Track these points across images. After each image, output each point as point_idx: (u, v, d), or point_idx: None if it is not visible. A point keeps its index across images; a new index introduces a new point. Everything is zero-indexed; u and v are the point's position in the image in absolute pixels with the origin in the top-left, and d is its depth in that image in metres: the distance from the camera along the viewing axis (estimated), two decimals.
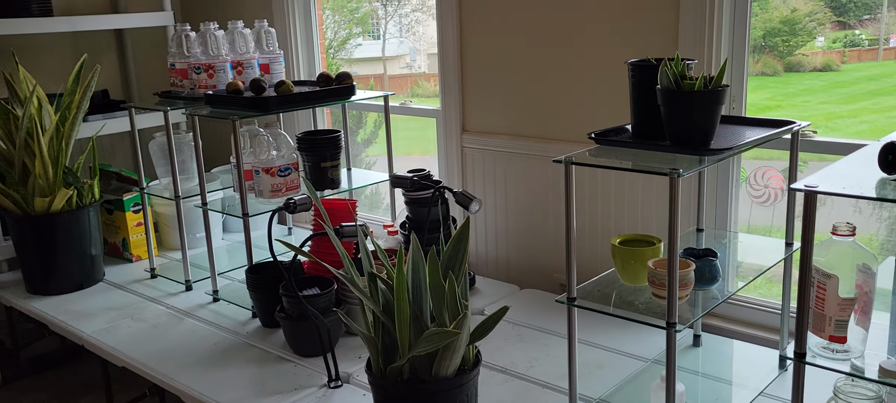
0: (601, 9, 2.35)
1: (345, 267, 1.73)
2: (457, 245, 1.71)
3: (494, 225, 2.78)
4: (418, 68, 4.24)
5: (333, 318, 2.18)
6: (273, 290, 2.30)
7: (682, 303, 1.63)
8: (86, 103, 2.74)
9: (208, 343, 2.32)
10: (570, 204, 1.63)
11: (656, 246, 1.74)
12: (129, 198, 2.97)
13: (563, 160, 1.59)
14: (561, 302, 1.70)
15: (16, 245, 2.77)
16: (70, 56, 3.34)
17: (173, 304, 2.63)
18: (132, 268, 2.99)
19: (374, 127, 4.43)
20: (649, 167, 1.59)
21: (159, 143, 2.82)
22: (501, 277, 2.79)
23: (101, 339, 2.38)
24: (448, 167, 2.84)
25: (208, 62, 2.58)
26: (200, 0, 3.64)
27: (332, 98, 2.57)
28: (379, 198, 3.78)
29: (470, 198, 2.19)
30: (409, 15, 4.01)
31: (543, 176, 2.59)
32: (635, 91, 1.68)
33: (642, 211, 2.39)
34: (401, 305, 1.62)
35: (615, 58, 2.34)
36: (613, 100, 2.37)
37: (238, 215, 2.42)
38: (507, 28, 2.58)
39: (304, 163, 2.57)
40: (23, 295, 2.78)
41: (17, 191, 2.64)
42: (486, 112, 2.72)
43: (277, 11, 3.26)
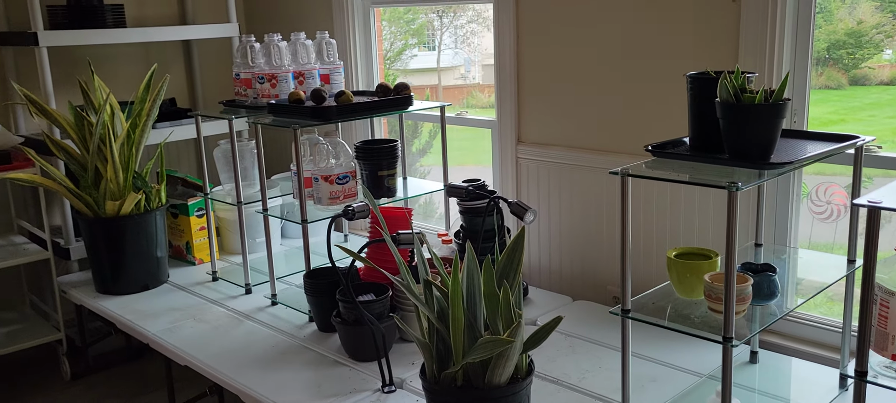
0: (660, 21, 2.35)
1: (401, 274, 1.77)
2: (511, 254, 1.73)
3: (548, 236, 2.79)
4: (472, 79, 4.27)
5: (388, 324, 2.22)
6: (330, 295, 2.35)
7: (739, 318, 1.62)
8: (155, 111, 2.85)
9: (266, 346, 2.39)
10: (626, 217, 1.63)
11: (713, 259, 1.73)
12: (193, 202, 3.08)
13: (620, 172, 1.59)
14: (615, 314, 1.70)
15: (87, 246, 2.89)
16: (140, 65, 3.48)
17: (233, 307, 2.70)
18: (195, 271, 3.09)
19: (429, 136, 4.48)
20: (707, 180, 1.58)
21: (223, 150, 2.91)
22: (554, 288, 2.79)
23: (166, 339, 2.47)
24: (503, 177, 2.86)
25: (271, 72, 2.66)
26: (264, 12, 3.75)
27: (390, 108, 2.62)
28: (433, 206, 3.82)
29: (525, 209, 2.21)
30: (464, 26, 4.05)
31: (598, 187, 2.59)
32: (694, 103, 1.67)
33: (699, 224, 2.36)
34: (455, 312, 1.64)
35: (673, 70, 2.33)
36: (670, 112, 2.36)
37: (297, 221, 2.48)
38: (564, 40, 2.60)
39: (362, 172, 2.62)
40: (92, 294, 2.90)
41: (89, 195, 2.76)
42: (542, 123, 2.73)
43: (338, 23, 3.33)
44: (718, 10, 2.20)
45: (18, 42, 3.00)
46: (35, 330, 3.05)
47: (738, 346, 1.54)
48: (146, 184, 2.85)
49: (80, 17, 3.04)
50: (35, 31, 2.83)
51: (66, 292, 2.99)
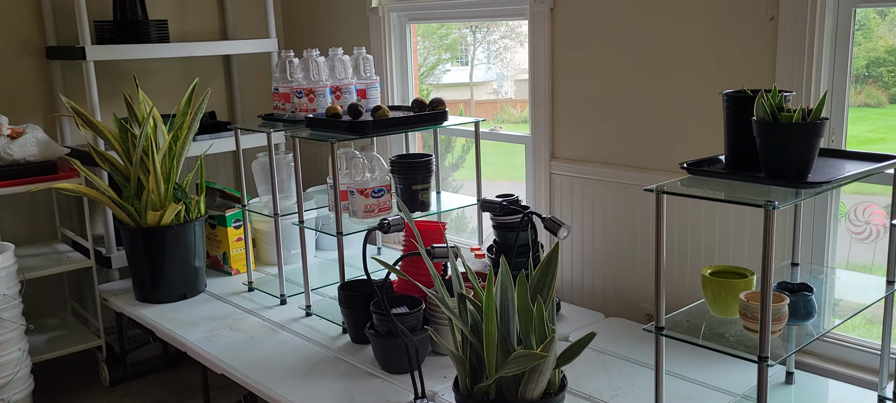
0: (696, 39, 2.35)
1: (436, 287, 1.79)
2: (545, 269, 1.74)
3: (581, 252, 2.79)
4: (505, 94, 4.29)
5: (421, 337, 2.24)
6: (364, 307, 2.38)
7: (775, 338, 1.61)
8: (196, 124, 2.92)
9: (301, 356, 2.42)
10: (661, 234, 1.63)
11: (748, 278, 1.72)
12: (231, 214, 3.14)
13: (655, 189, 1.60)
14: (649, 331, 1.70)
15: (128, 255, 2.96)
16: (181, 78, 3.57)
17: (269, 317, 2.75)
18: (231, 281, 3.15)
19: (462, 151, 4.51)
20: (744, 198, 1.58)
21: (261, 163, 2.97)
22: (586, 304, 2.79)
23: (203, 347, 2.52)
24: (536, 193, 2.88)
25: (309, 87, 2.71)
26: (302, 28, 3.82)
27: (425, 123, 2.65)
28: (464, 221, 3.84)
29: (558, 224, 2.22)
30: (497, 42, 4.08)
31: (631, 204, 2.59)
32: (730, 122, 1.67)
33: (734, 243, 2.35)
34: (489, 326, 1.66)
35: (708, 88, 2.33)
36: (705, 130, 2.36)
37: (332, 233, 2.52)
38: (600, 57, 2.61)
39: (397, 185, 2.65)
40: (132, 302, 2.97)
41: (131, 205, 2.83)
42: (576, 139, 2.74)
43: (375, 38, 3.38)
44: (755, 28, 2.20)
45: (67, 56, 3.10)
46: (76, 337, 3.13)
47: (773, 366, 1.53)
48: (186, 195, 2.92)
49: (125, 33, 3.13)
50: (83, 45, 2.92)
51: (107, 300, 3.07)
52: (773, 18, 2.14)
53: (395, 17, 3.36)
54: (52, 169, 2.95)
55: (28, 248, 3.15)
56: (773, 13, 2.14)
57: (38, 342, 3.03)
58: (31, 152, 2.91)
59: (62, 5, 3.21)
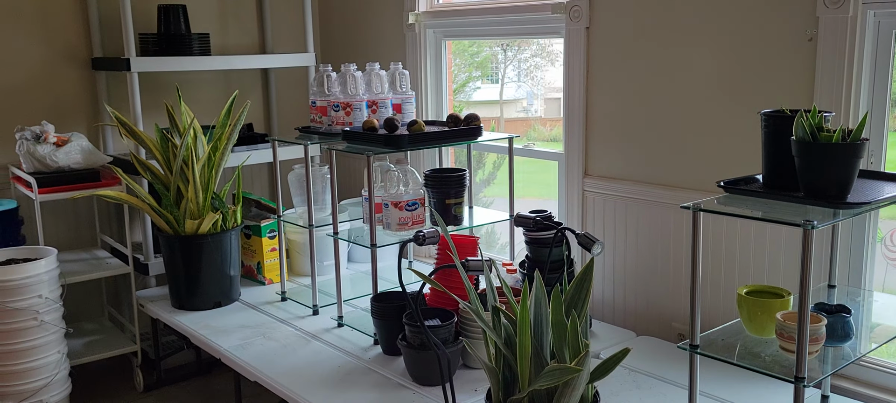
0: (733, 58, 2.35)
1: (470, 300, 1.81)
2: (580, 285, 1.75)
3: (612, 270, 2.79)
4: (534, 112, 4.31)
5: (453, 349, 2.25)
6: (396, 319, 2.40)
7: (812, 359, 1.60)
8: (235, 136, 2.98)
9: (333, 366, 2.45)
10: (697, 252, 1.63)
11: (785, 298, 1.72)
12: (266, 224, 3.19)
13: (692, 206, 1.60)
14: (683, 349, 1.70)
15: (165, 262, 3.02)
16: (220, 90, 3.64)
17: (301, 326, 2.78)
18: (265, 291, 3.19)
19: (494, 167, 4.53)
20: (782, 217, 1.57)
21: (297, 175, 3.01)
22: (617, 322, 2.79)
23: (237, 355, 2.56)
24: (569, 209, 2.88)
25: (346, 100, 2.76)
26: (339, 43, 3.88)
27: (460, 138, 2.67)
28: (495, 236, 3.85)
29: (592, 240, 2.22)
30: (528, 60, 4.10)
31: (665, 222, 2.58)
32: (768, 141, 1.67)
33: (769, 262, 2.33)
34: (523, 340, 1.67)
35: (744, 108, 2.33)
36: (740, 150, 2.35)
37: (366, 245, 2.55)
38: (634, 75, 2.62)
39: (430, 199, 2.68)
40: (168, 309, 3.02)
41: (170, 213, 2.89)
42: (609, 157, 2.75)
43: (410, 54, 3.43)
44: (794, 49, 2.20)
45: (112, 67, 3.19)
46: (112, 341, 3.19)
47: (809, 387, 1.52)
48: (223, 205, 2.97)
49: (169, 45, 3.21)
50: (128, 57, 3.00)
51: (143, 306, 3.13)
52: (812, 39, 2.14)
53: (432, 33, 3.41)
54: (94, 176, 3.03)
55: (69, 254, 3.23)
56: (812, 34, 2.13)
57: (76, 345, 3.09)
58: (76, 160, 2.99)
59: (108, 18, 3.30)
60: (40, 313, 2.65)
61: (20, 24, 3.17)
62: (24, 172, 2.96)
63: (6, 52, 3.16)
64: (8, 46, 3.16)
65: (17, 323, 2.62)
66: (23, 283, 2.60)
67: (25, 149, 2.94)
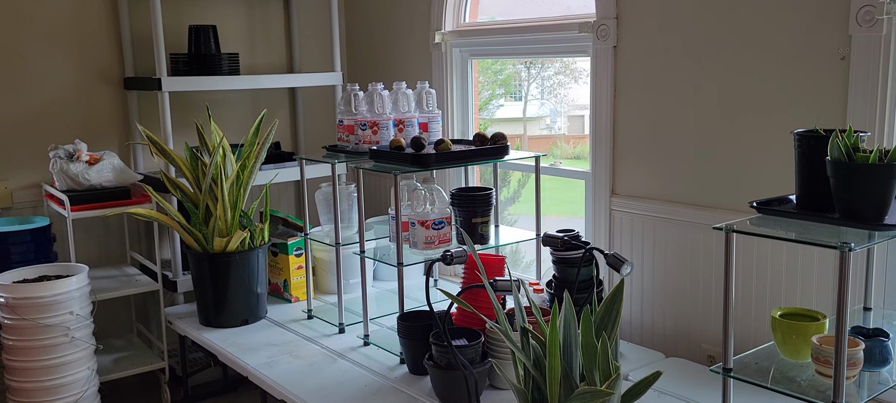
0: (763, 77, 2.33)
1: (498, 320, 1.80)
2: (610, 306, 1.73)
3: (640, 290, 2.76)
4: (558, 130, 4.30)
5: (480, 370, 2.24)
6: (422, 338, 2.39)
7: (849, 384, 1.57)
8: (263, 154, 3.00)
9: (359, 385, 2.44)
10: (730, 273, 1.61)
11: (820, 321, 1.69)
12: (292, 241, 3.20)
13: (725, 228, 1.58)
14: (716, 372, 1.67)
15: (194, 279, 3.04)
16: (248, 109, 3.68)
17: (328, 345, 2.78)
18: (291, 308, 3.20)
19: (518, 185, 4.52)
20: (817, 239, 1.55)
21: (324, 193, 3.03)
22: (645, 343, 2.75)
23: (264, 373, 2.56)
24: (595, 229, 2.86)
25: (373, 119, 2.77)
26: (366, 62, 3.91)
27: (486, 157, 2.67)
28: (519, 255, 3.83)
29: (622, 261, 2.21)
30: (551, 77, 4.10)
31: (694, 243, 2.55)
32: (802, 161, 1.65)
33: (801, 285, 2.30)
34: (552, 362, 1.65)
35: (774, 127, 2.30)
36: (770, 169, 2.32)
37: (393, 263, 2.55)
38: (663, 93, 2.60)
39: (456, 218, 2.68)
40: (196, 326, 3.04)
41: (199, 230, 2.92)
42: (637, 176, 2.73)
43: (436, 73, 3.44)
44: (826, 68, 2.17)
45: (143, 86, 3.24)
46: (141, 358, 3.21)
47: None
48: (251, 223, 2.99)
49: (199, 65, 3.25)
50: (159, 76, 3.04)
51: (171, 322, 3.15)
52: (845, 58, 2.11)
53: (458, 52, 3.42)
54: (125, 194, 3.07)
55: (99, 271, 3.27)
56: (845, 53, 2.11)
57: (104, 362, 3.12)
58: (107, 178, 3.03)
59: (140, 38, 3.36)
60: (71, 329, 2.68)
61: (55, 44, 3.23)
62: (56, 190, 3.01)
63: (41, 71, 3.22)
64: (43, 66, 3.22)
65: (48, 340, 2.65)
66: (55, 300, 2.64)
67: (58, 167, 2.99)
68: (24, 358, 2.65)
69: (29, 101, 3.21)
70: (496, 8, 3.50)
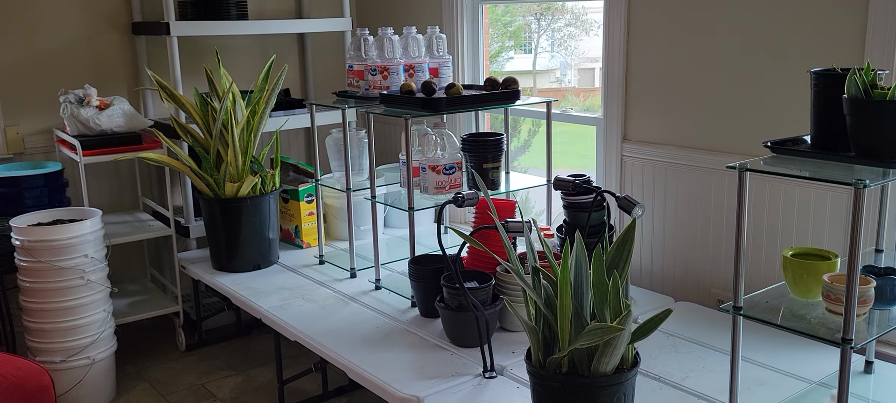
0: (777, 17, 2.29)
1: (510, 260, 1.81)
2: (621, 246, 1.74)
3: (650, 236, 2.77)
4: (567, 82, 4.27)
5: (491, 311, 2.26)
6: (433, 281, 2.41)
7: (859, 322, 1.57)
8: (273, 100, 3.00)
9: (371, 327, 2.47)
10: (742, 213, 1.61)
11: (832, 260, 1.69)
12: (303, 188, 3.21)
13: (738, 167, 1.58)
14: (726, 312, 1.68)
15: (206, 225, 3.06)
16: (257, 56, 3.66)
17: (339, 289, 2.81)
18: (303, 254, 3.23)
19: (528, 135, 4.50)
20: (832, 177, 1.54)
21: (335, 139, 3.03)
22: (655, 288, 2.77)
23: (278, 315, 2.60)
24: (607, 175, 2.86)
25: (383, 64, 2.75)
26: (375, 7, 3.86)
27: (498, 101, 2.66)
28: (530, 203, 3.84)
29: (633, 203, 2.21)
30: (561, 29, 4.05)
31: (705, 187, 2.55)
32: (818, 100, 1.64)
33: (812, 226, 2.30)
34: (563, 300, 1.67)
35: (790, 68, 2.28)
36: (786, 111, 2.30)
37: (404, 208, 2.56)
38: (676, 37, 2.57)
39: (467, 163, 2.68)
40: (209, 271, 3.08)
41: (210, 176, 2.93)
42: (649, 121, 2.71)
43: (447, 18, 3.41)
44: (843, 5, 2.14)
45: (152, 31, 3.22)
46: (155, 302, 3.26)
47: (857, 348, 1.50)
48: (262, 169, 3.00)
49: (206, 10, 3.22)
50: (167, 21, 3.02)
51: (185, 268, 3.18)
52: None
53: None
54: (136, 139, 3.08)
55: (112, 216, 3.30)
56: None
57: (120, 305, 3.16)
58: (118, 123, 3.04)
59: None
60: (86, 272, 2.72)
61: None
62: (68, 135, 3.02)
63: (50, 16, 3.20)
64: (51, 11, 3.20)
65: (64, 282, 2.68)
66: (69, 243, 2.66)
67: (69, 112, 2.99)
68: (41, 300, 2.69)
69: (38, 47, 3.20)
70: None
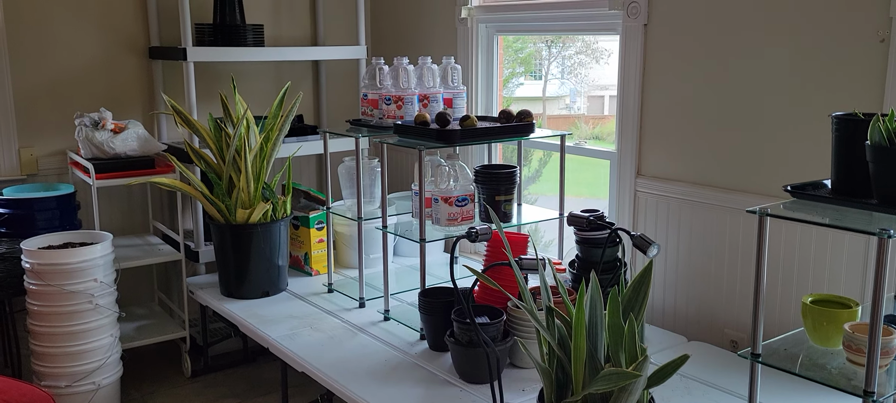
0: (798, 59, 2.27)
1: (523, 298, 1.78)
2: (638, 287, 1.71)
3: (663, 273, 2.73)
4: (577, 110, 4.26)
5: (502, 347, 2.23)
6: (444, 314, 2.39)
7: (881, 373, 1.54)
8: (287, 126, 3.00)
9: (379, 359, 2.44)
10: (762, 258, 1.58)
11: (853, 309, 1.66)
12: (314, 215, 3.20)
13: (758, 211, 1.55)
14: (744, 358, 1.65)
15: (216, 250, 3.05)
16: (271, 81, 3.67)
17: (348, 319, 2.78)
18: (312, 281, 3.21)
19: (539, 164, 4.49)
20: (855, 225, 1.51)
21: (347, 167, 3.02)
22: (667, 326, 2.73)
23: (285, 344, 2.57)
24: (620, 209, 2.83)
25: (398, 94, 2.75)
26: (390, 36, 3.87)
27: (512, 134, 2.65)
28: (539, 234, 3.81)
29: (648, 242, 2.18)
30: (572, 57, 4.05)
31: (720, 226, 2.52)
32: (839, 145, 1.61)
33: (829, 272, 2.26)
34: (578, 342, 1.64)
35: (810, 111, 2.25)
36: (804, 153, 2.28)
37: (415, 239, 2.54)
38: (694, 74, 2.56)
39: (480, 195, 2.66)
40: (217, 296, 3.06)
41: (222, 201, 2.92)
42: (664, 157, 2.69)
43: (462, 49, 3.41)
44: (864, 50, 2.12)
45: (168, 56, 3.23)
46: (162, 327, 3.24)
47: (879, 401, 1.47)
48: (273, 195, 2.99)
49: (224, 36, 3.24)
50: (184, 46, 3.03)
51: (193, 293, 3.17)
52: (885, 40, 2.06)
53: (483, 28, 3.38)
54: (149, 163, 3.08)
55: (122, 239, 3.29)
56: (885, 35, 2.05)
57: (127, 330, 3.15)
58: (132, 147, 3.04)
59: (166, 8, 3.35)
60: (95, 296, 2.70)
61: (82, 12, 3.23)
62: (82, 158, 3.02)
63: (69, 39, 3.22)
64: (71, 35, 3.22)
65: (72, 306, 2.67)
66: (79, 267, 2.65)
67: (84, 135, 3.00)
68: (49, 324, 2.68)
69: (55, 69, 3.21)
70: None
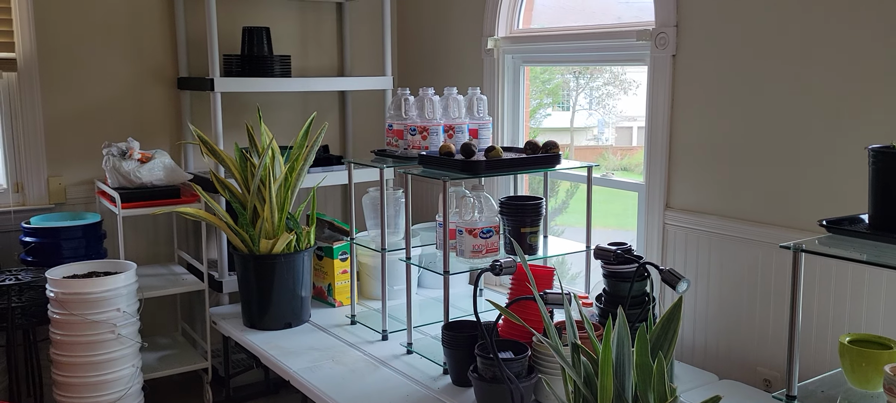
0: (832, 91, 2.22)
1: (548, 334, 1.73)
2: (667, 325, 1.66)
3: (693, 308, 2.66)
4: (605, 140, 4.23)
5: (526, 384, 2.18)
6: (467, 349, 2.34)
7: None
8: (312, 157, 2.99)
9: (401, 394, 2.40)
10: (797, 295, 1.53)
11: (893, 350, 1.59)
12: (338, 246, 3.18)
13: (793, 247, 1.50)
14: (779, 400, 1.58)
15: (239, 280, 3.04)
16: (297, 111, 3.69)
17: (370, 352, 2.75)
18: (335, 313, 3.18)
19: (566, 196, 4.44)
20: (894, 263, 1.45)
21: (372, 197, 3.00)
22: (697, 363, 2.65)
23: (306, 377, 2.54)
24: (648, 243, 2.78)
25: (423, 124, 2.74)
26: (416, 66, 3.88)
27: (538, 165, 2.61)
28: (565, 267, 3.75)
29: (678, 278, 2.12)
30: (600, 88, 4.03)
31: (751, 260, 2.45)
32: (877, 179, 1.56)
33: (866, 310, 2.18)
34: (605, 381, 1.59)
35: (846, 143, 2.19)
36: (836, 186, 2.21)
37: (439, 271, 2.50)
38: (724, 105, 2.51)
39: (505, 227, 2.62)
40: (239, 327, 3.04)
41: (246, 232, 2.92)
42: (693, 189, 2.63)
43: (488, 80, 3.40)
44: None
45: (196, 87, 3.26)
46: (184, 357, 3.23)
47: None
48: (298, 225, 2.98)
49: (251, 67, 3.26)
50: (212, 77, 3.06)
51: (216, 323, 3.16)
52: None
53: (510, 59, 3.37)
54: (175, 193, 3.09)
55: (147, 268, 3.30)
56: None
57: (149, 360, 3.14)
58: (158, 177, 3.06)
59: (195, 39, 3.39)
60: (118, 326, 2.70)
61: (112, 43, 3.28)
62: (109, 187, 3.04)
63: (99, 70, 3.27)
64: (101, 65, 3.27)
65: (95, 336, 2.67)
66: (103, 296, 2.66)
67: (111, 164, 3.02)
68: (71, 353, 2.68)
69: (84, 99, 3.26)
70: (549, 16, 3.44)
